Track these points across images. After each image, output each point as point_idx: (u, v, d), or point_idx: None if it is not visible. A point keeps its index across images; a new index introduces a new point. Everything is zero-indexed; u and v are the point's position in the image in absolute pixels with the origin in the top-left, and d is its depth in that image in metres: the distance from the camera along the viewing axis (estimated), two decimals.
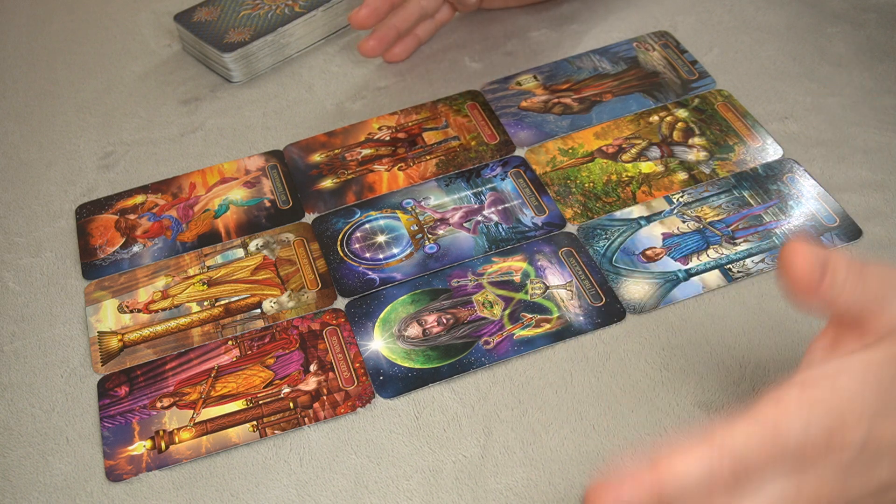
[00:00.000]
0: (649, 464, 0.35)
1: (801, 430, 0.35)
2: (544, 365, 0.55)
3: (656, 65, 0.72)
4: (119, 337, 0.58)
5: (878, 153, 0.64)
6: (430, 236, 0.62)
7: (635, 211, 0.62)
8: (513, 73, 0.73)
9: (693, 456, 0.35)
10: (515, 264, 0.60)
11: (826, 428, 0.36)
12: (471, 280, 0.59)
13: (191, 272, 0.62)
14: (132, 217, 0.66)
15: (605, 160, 0.66)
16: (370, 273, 0.60)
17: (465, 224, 0.63)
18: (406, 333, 0.57)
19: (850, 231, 0.59)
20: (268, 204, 0.66)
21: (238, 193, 0.67)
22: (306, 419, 0.53)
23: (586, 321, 0.56)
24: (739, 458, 0.35)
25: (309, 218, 0.65)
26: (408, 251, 0.61)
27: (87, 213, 0.66)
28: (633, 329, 0.56)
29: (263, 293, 0.60)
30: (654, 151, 0.66)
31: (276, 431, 0.53)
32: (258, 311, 0.59)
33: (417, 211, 0.64)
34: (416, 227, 0.63)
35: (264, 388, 0.55)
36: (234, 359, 0.57)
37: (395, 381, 0.54)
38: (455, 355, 0.55)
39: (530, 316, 0.57)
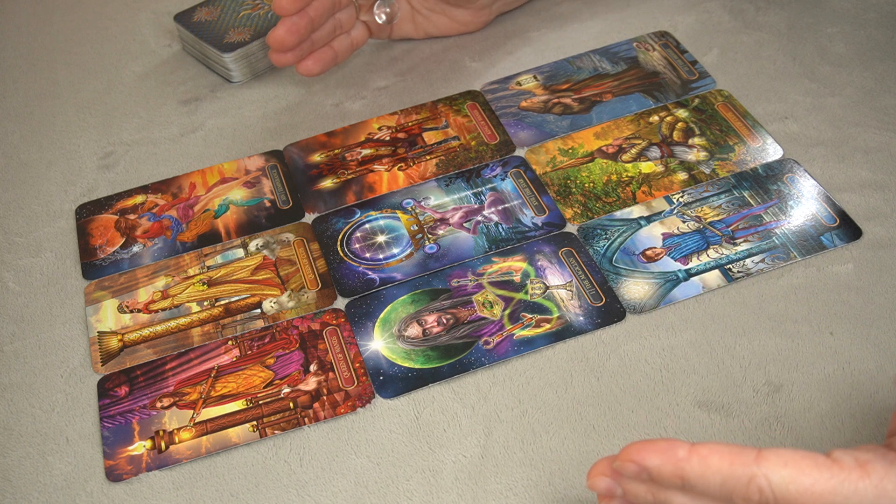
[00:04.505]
0: (688, 445, 0.37)
1: None
2: (544, 365, 0.55)
3: (656, 65, 0.72)
4: (119, 337, 0.58)
5: (878, 153, 0.64)
6: (430, 236, 0.62)
7: (635, 211, 0.62)
8: (513, 73, 0.73)
9: (732, 460, 0.36)
10: (515, 264, 0.60)
11: None
12: (471, 280, 0.59)
13: (191, 272, 0.62)
14: (132, 217, 0.66)
15: (605, 160, 0.66)
16: (370, 273, 0.60)
17: (465, 224, 0.63)
18: (406, 333, 0.57)
19: (850, 231, 0.59)
20: (268, 204, 0.66)
21: (238, 193, 0.67)
22: (306, 419, 0.53)
23: (586, 321, 0.56)
24: (777, 490, 0.36)
25: (309, 218, 0.65)
26: (408, 251, 0.61)
27: (87, 213, 0.66)
28: (633, 329, 0.56)
29: (263, 293, 0.60)
30: (654, 151, 0.66)
31: (276, 431, 0.53)
32: (258, 311, 0.59)
33: (417, 211, 0.64)
34: (416, 227, 0.63)
35: (264, 388, 0.55)
36: (234, 359, 0.57)
37: (395, 381, 0.54)
38: (455, 355, 0.55)
39: (530, 316, 0.57)
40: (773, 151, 0.65)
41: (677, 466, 0.37)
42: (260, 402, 0.54)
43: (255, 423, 0.53)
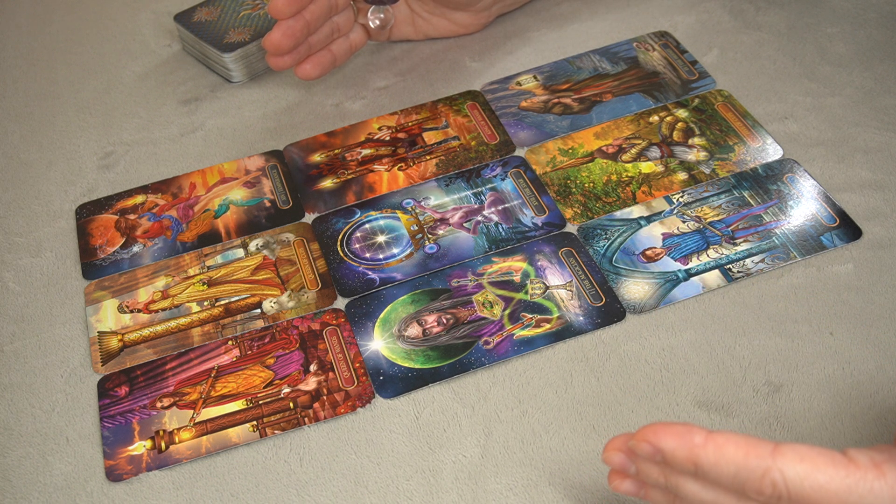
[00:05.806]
0: (705, 432, 0.37)
1: None
2: (544, 365, 0.55)
3: (656, 65, 0.72)
4: (119, 337, 0.58)
5: (878, 153, 0.64)
6: (430, 236, 0.62)
7: (635, 211, 0.62)
8: (513, 73, 0.73)
9: (747, 451, 0.36)
10: (515, 264, 0.60)
11: None
12: (471, 280, 0.59)
13: (191, 272, 0.62)
14: (132, 217, 0.66)
15: (605, 160, 0.66)
16: (370, 273, 0.60)
17: (465, 224, 0.63)
18: (406, 333, 0.57)
19: (850, 231, 0.59)
20: (268, 204, 0.66)
21: (238, 193, 0.67)
22: (306, 419, 0.53)
23: (586, 321, 0.56)
24: (789, 485, 0.35)
25: (309, 218, 0.65)
26: (408, 251, 0.61)
27: (87, 213, 0.66)
28: (633, 329, 0.56)
29: (263, 293, 0.60)
30: (654, 151, 0.66)
31: (276, 431, 0.53)
32: (258, 311, 0.59)
33: (417, 211, 0.64)
34: (416, 227, 0.63)
35: (264, 388, 0.55)
36: (234, 359, 0.57)
37: (395, 381, 0.54)
38: (455, 355, 0.55)
39: (530, 316, 0.57)
40: (772, 151, 0.65)
41: (692, 452, 0.37)
42: (260, 402, 0.54)
43: (255, 423, 0.53)
